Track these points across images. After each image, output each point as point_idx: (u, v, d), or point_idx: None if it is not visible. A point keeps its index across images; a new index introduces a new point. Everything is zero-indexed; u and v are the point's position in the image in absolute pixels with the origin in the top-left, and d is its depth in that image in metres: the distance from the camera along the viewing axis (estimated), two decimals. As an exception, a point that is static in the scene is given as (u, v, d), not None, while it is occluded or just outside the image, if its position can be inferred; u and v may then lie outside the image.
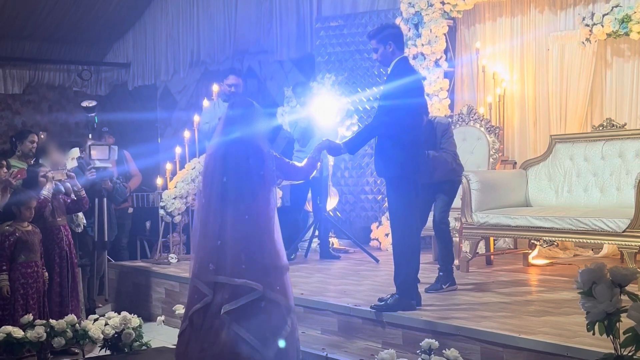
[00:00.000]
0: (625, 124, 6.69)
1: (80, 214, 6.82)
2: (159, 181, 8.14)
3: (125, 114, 12.18)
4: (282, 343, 4.23)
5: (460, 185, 6.62)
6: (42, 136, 7.57)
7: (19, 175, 6.41)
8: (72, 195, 6.40)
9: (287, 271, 4.47)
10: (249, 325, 4.23)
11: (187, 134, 8.24)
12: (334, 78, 9.06)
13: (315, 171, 5.00)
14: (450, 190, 6.01)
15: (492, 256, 7.31)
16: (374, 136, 5.22)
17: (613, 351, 2.92)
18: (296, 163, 4.95)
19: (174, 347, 5.67)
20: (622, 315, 2.86)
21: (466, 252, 6.75)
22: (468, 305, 5.15)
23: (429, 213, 5.97)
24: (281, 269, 4.41)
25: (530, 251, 7.04)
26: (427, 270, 6.15)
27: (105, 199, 7.10)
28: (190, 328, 4.38)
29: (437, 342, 4.23)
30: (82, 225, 6.89)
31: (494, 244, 7.65)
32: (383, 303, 5.07)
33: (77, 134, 13.32)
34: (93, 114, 7.68)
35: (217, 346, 4.23)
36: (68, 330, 5.48)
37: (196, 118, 8.26)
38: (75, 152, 7.70)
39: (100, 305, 7.12)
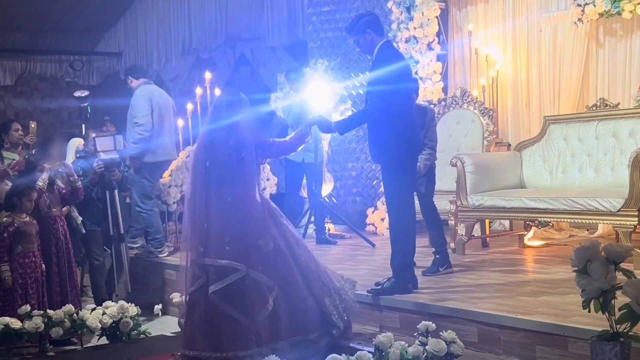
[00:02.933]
0: (618, 104, 6.69)
1: (76, 213, 6.82)
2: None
3: (117, 103, 12.13)
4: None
5: (455, 168, 6.67)
6: (32, 125, 7.48)
7: (17, 167, 6.41)
8: (68, 186, 6.40)
9: (270, 250, 4.57)
10: (235, 302, 4.41)
11: (180, 122, 8.22)
12: (327, 63, 9.04)
13: (303, 145, 5.05)
14: (431, 174, 6.08)
15: (487, 238, 7.32)
16: (366, 121, 5.21)
17: (609, 328, 2.94)
18: (279, 139, 5.05)
19: (173, 335, 5.72)
20: (617, 292, 2.87)
21: (462, 234, 6.77)
22: (464, 287, 5.17)
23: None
24: (263, 249, 4.53)
25: (525, 233, 7.05)
26: (423, 254, 6.16)
27: (116, 191, 6.88)
28: (189, 311, 4.54)
29: (434, 325, 4.24)
30: (78, 223, 6.88)
31: (490, 226, 7.66)
32: (380, 287, 5.08)
33: (70, 124, 13.30)
34: (86, 104, 7.66)
35: (206, 323, 4.41)
36: (66, 320, 5.48)
37: (189, 106, 8.24)
38: (74, 142, 7.66)
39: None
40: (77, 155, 7.25)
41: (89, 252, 6.91)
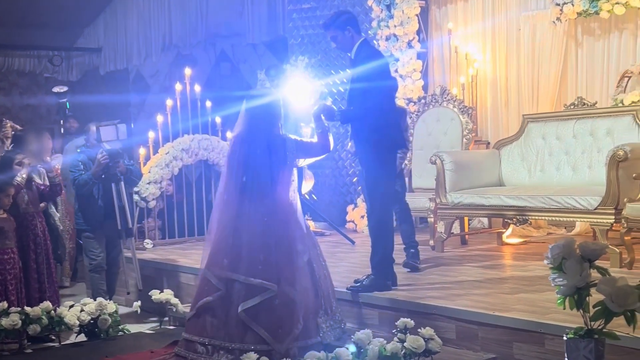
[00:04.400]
0: (596, 103, 6.75)
1: (53, 209, 6.74)
2: (133, 167, 8.08)
3: (97, 99, 12.06)
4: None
5: (434, 166, 6.71)
6: (7, 125, 7.37)
7: None
8: (47, 182, 6.34)
9: (304, 265, 4.55)
10: (262, 321, 4.37)
11: (160, 118, 8.19)
12: (307, 60, 9.03)
13: (331, 138, 4.86)
14: (402, 173, 6.22)
15: (466, 236, 7.37)
16: (360, 119, 5.15)
17: (584, 325, 2.97)
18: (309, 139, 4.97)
19: (151, 332, 5.70)
20: (591, 289, 2.91)
21: (441, 232, 6.81)
22: (443, 285, 5.20)
23: None
24: (297, 265, 4.51)
25: (504, 230, 7.10)
26: (402, 252, 6.17)
27: (122, 183, 6.51)
28: (197, 318, 4.50)
29: (412, 322, 4.27)
30: (57, 221, 6.78)
31: (469, 224, 7.71)
32: (359, 284, 5.10)
33: (49, 120, 13.21)
34: (64, 100, 7.60)
35: (228, 337, 4.37)
36: (43, 317, 5.45)
37: (169, 102, 8.22)
38: (72, 146, 7.53)
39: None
40: (78, 150, 7.02)
41: (86, 254, 6.62)
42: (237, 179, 4.54)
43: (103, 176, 6.40)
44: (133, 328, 5.88)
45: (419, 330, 4.18)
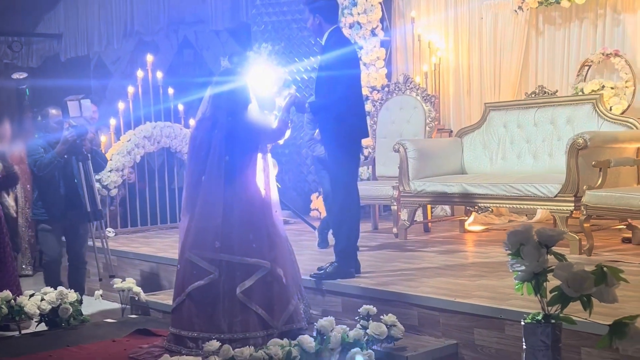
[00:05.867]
0: (556, 91, 6.83)
1: (6, 197, 6.59)
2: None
3: (58, 85, 11.89)
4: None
5: (398, 154, 6.75)
6: None
7: None
8: (3, 171, 6.21)
9: (286, 242, 4.70)
10: (258, 300, 4.43)
11: (121, 105, 8.11)
12: (271, 47, 9.00)
13: (289, 131, 4.88)
14: None
15: (429, 224, 7.42)
16: (327, 109, 5.11)
17: (541, 310, 3.01)
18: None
19: (113, 321, 5.66)
20: (549, 275, 2.94)
21: (404, 220, 6.84)
22: (405, 272, 5.23)
23: None
24: (281, 241, 4.61)
25: (466, 218, 7.17)
26: (366, 239, 6.22)
27: (89, 162, 6.12)
28: (191, 302, 4.49)
29: (375, 308, 4.29)
30: (11, 210, 6.63)
31: (432, 212, 7.77)
32: (322, 271, 5.11)
33: (9, 106, 12.98)
34: (24, 86, 7.46)
35: (225, 318, 4.41)
36: (3, 306, 5.38)
37: (130, 89, 8.13)
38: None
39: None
40: (36, 135, 6.53)
41: (41, 248, 6.41)
42: (218, 158, 4.50)
43: (66, 156, 6.06)
44: (95, 317, 5.83)
45: (381, 317, 4.21)
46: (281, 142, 5.00)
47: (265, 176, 4.65)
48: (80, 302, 5.61)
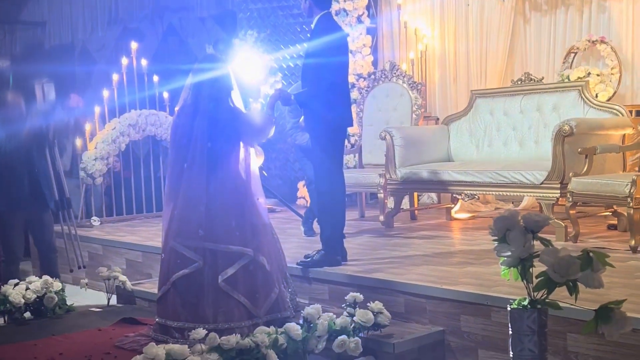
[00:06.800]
0: (542, 78, 6.83)
1: None
2: (78, 142, 7.93)
3: (42, 73, 11.80)
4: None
5: (384, 142, 6.74)
6: None
7: None
8: None
9: (270, 229, 4.67)
10: (241, 288, 4.42)
11: (106, 93, 8.05)
12: (257, 35, 8.96)
13: (273, 128, 4.84)
14: None
15: (416, 211, 7.42)
16: (313, 97, 5.06)
17: (527, 296, 3.01)
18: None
19: (99, 310, 5.63)
20: (535, 260, 2.94)
21: (391, 207, 6.84)
22: (392, 259, 5.23)
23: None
24: (264, 228, 4.59)
25: (452, 205, 7.18)
26: (352, 227, 6.21)
27: (56, 148, 6.04)
28: (175, 292, 4.48)
29: (361, 296, 4.29)
30: None
31: (418, 199, 7.77)
32: (309, 259, 5.10)
33: (-7, 94, 12.88)
34: (8, 75, 7.40)
35: (210, 308, 4.39)
36: (-14, 296, 5.34)
37: (115, 76, 8.07)
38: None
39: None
40: None
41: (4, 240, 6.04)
42: (200, 145, 4.47)
43: (34, 137, 5.87)
44: (79, 306, 5.80)
45: (368, 304, 4.20)
46: (264, 140, 4.93)
47: (246, 164, 4.62)
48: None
